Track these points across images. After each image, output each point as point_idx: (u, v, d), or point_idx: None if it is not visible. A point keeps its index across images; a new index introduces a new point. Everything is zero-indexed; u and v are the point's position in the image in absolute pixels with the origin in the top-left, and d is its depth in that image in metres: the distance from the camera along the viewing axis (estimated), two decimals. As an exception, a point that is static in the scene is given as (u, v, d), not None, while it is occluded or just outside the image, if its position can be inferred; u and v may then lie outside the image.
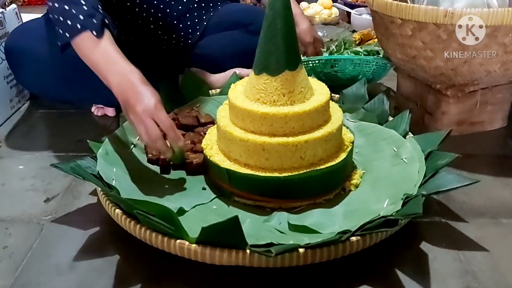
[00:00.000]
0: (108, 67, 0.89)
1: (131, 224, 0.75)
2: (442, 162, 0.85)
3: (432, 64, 1.03)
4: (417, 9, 0.97)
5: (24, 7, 2.46)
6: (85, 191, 0.95)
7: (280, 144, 0.81)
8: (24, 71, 1.12)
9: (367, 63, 1.28)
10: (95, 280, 0.73)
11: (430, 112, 1.14)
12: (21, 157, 1.10)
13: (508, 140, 1.13)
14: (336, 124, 0.86)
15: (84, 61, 0.92)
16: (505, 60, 0.99)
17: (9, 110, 1.29)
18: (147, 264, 0.76)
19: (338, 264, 0.72)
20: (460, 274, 0.74)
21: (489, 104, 1.12)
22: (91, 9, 0.93)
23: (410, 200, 0.78)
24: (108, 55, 0.90)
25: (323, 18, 2.11)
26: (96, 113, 1.28)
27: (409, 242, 0.80)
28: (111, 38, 0.93)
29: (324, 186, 0.84)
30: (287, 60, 0.82)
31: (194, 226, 0.73)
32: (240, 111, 0.84)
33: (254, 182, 0.82)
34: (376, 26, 1.16)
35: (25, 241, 0.82)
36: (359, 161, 0.95)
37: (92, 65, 0.91)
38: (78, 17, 0.91)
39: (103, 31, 0.91)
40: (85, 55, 0.91)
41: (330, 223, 0.78)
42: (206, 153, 0.89)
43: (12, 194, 0.96)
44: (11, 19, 1.34)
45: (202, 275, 0.73)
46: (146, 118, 0.83)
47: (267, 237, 0.72)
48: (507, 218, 0.86)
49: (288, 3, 0.81)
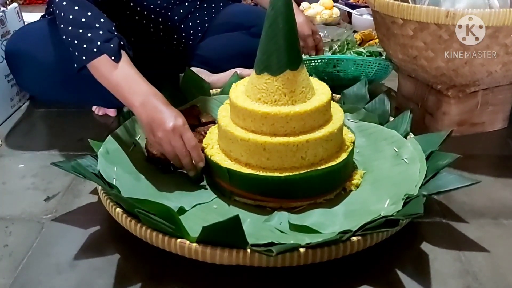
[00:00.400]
0: (130, 89, 0.90)
1: (131, 223, 0.75)
2: (443, 162, 0.85)
3: (433, 65, 1.03)
4: (418, 10, 0.97)
5: (25, 6, 2.46)
6: (85, 190, 0.95)
7: (281, 144, 0.81)
8: (24, 75, 1.12)
9: (370, 64, 1.28)
10: (95, 279, 0.73)
11: (431, 112, 1.14)
12: (21, 155, 1.10)
13: (509, 140, 1.13)
14: (337, 124, 0.86)
15: (102, 83, 0.92)
16: (506, 61, 0.99)
17: (9, 109, 1.29)
18: (147, 263, 0.76)
19: (339, 264, 0.72)
20: (460, 275, 0.73)
21: (490, 105, 1.12)
22: (107, 33, 0.92)
23: (411, 200, 0.78)
24: (128, 77, 0.91)
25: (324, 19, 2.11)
26: (97, 112, 1.28)
27: (410, 242, 0.80)
28: (129, 60, 0.93)
29: (325, 186, 0.84)
30: (288, 60, 0.82)
31: (194, 226, 0.73)
32: (241, 110, 0.83)
33: (255, 182, 0.82)
34: (377, 26, 1.16)
35: (25, 239, 0.82)
36: (360, 161, 0.95)
37: (112, 87, 0.91)
38: (95, 42, 0.91)
39: (120, 54, 0.92)
40: (104, 77, 0.92)
41: (331, 223, 0.78)
42: (207, 153, 0.89)
43: (12, 193, 0.96)
44: (12, 18, 1.34)
45: (203, 274, 0.73)
46: (176, 136, 0.85)
47: (267, 237, 0.72)
48: (507, 218, 0.86)
49: (289, 2, 0.81)
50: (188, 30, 1.31)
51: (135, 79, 0.91)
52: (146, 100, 0.88)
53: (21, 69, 1.12)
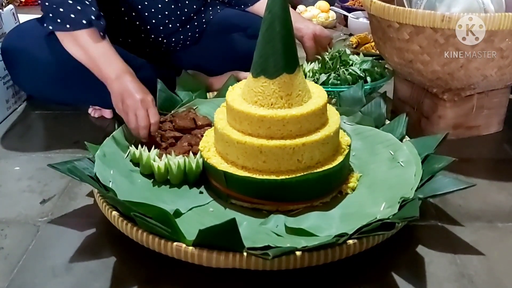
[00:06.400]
0: (107, 63, 0.99)
1: (127, 226, 0.74)
2: (438, 165, 0.86)
3: (429, 68, 1.03)
4: (414, 13, 0.97)
5: (21, 7, 2.45)
6: (81, 193, 0.95)
7: (277, 147, 0.81)
8: (20, 72, 1.12)
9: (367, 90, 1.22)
10: (91, 282, 0.73)
11: (426, 116, 1.15)
12: (17, 158, 1.09)
13: (504, 144, 1.14)
14: (334, 127, 0.86)
15: (75, 53, 1.02)
16: (501, 65, 1.00)
17: (5, 111, 1.28)
18: (143, 266, 0.76)
19: (335, 267, 0.72)
20: (456, 278, 0.74)
21: (485, 109, 1.13)
22: (98, 12, 1.01)
23: (407, 203, 0.78)
24: (108, 52, 1.00)
25: (320, 22, 2.11)
26: (93, 115, 1.28)
27: (406, 246, 0.80)
28: None
29: (321, 189, 0.85)
30: (285, 63, 0.82)
31: (191, 229, 0.73)
32: (238, 113, 0.84)
33: (251, 185, 0.82)
34: (373, 30, 1.17)
35: (21, 242, 0.82)
36: (356, 164, 0.95)
37: (88, 59, 1.00)
38: (87, 15, 0.99)
39: (105, 34, 1.02)
40: (83, 48, 1.00)
41: (327, 226, 0.78)
42: (203, 155, 0.89)
43: (8, 195, 0.96)
44: (8, 20, 1.34)
45: (199, 278, 0.73)
46: (143, 107, 0.95)
47: (264, 240, 0.72)
48: (502, 222, 0.86)
49: (286, 6, 0.81)
50: (186, 33, 1.31)
51: (115, 56, 1.01)
52: (121, 75, 0.98)
53: (17, 66, 1.11)
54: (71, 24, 0.99)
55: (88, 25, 0.99)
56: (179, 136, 1.01)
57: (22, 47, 1.09)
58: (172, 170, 0.88)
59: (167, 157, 0.90)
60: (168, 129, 1.02)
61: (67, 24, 0.99)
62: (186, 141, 0.99)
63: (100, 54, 1.00)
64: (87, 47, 1.00)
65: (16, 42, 1.10)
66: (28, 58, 1.09)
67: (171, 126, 1.03)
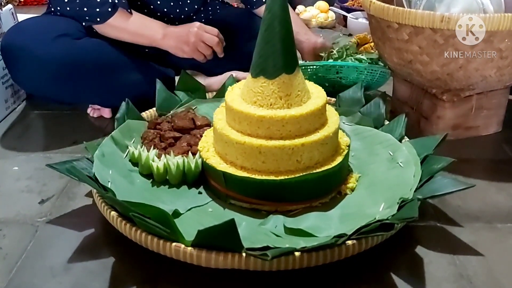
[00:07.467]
0: (149, 30, 1.17)
1: (126, 227, 0.74)
2: (437, 166, 0.86)
3: (428, 69, 1.03)
4: (413, 14, 0.97)
5: (20, 7, 2.45)
6: (80, 193, 0.94)
7: (276, 147, 0.81)
8: (20, 70, 1.12)
9: (372, 71, 1.26)
10: (89, 282, 0.73)
11: (425, 116, 1.15)
12: (16, 158, 1.09)
13: (503, 145, 1.14)
14: (333, 127, 0.86)
15: (120, 36, 1.16)
16: (500, 65, 1.00)
17: (4, 111, 1.28)
18: (142, 267, 0.76)
19: (334, 267, 0.72)
20: (455, 278, 0.74)
21: (485, 109, 1.13)
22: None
23: (406, 204, 0.78)
24: (143, 22, 1.18)
25: (320, 22, 2.11)
26: (92, 115, 1.27)
27: (405, 246, 0.80)
28: None
29: (320, 190, 0.85)
30: (284, 63, 0.82)
31: (189, 229, 0.73)
32: (237, 113, 0.83)
33: (250, 185, 0.82)
34: (372, 30, 1.17)
35: (19, 242, 0.82)
36: (355, 164, 0.95)
37: (131, 34, 1.16)
38: (107, 2, 1.11)
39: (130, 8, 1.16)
40: (123, 30, 1.15)
41: (326, 227, 0.78)
42: (202, 156, 0.89)
43: (6, 195, 0.96)
44: (7, 19, 1.34)
45: (198, 278, 0.73)
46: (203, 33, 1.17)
47: (263, 241, 0.72)
48: (502, 222, 0.86)
49: (286, 6, 0.81)
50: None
51: (148, 21, 1.18)
52: (164, 31, 1.17)
53: (16, 64, 1.11)
54: (100, 18, 1.12)
55: (113, 9, 1.11)
56: (178, 136, 1.01)
57: (21, 44, 1.09)
58: (171, 170, 0.88)
59: (166, 157, 0.90)
60: (167, 129, 1.02)
61: (97, 18, 1.12)
62: (185, 141, 0.99)
63: (137, 27, 1.15)
64: (124, 27, 1.14)
65: (15, 39, 1.10)
66: (28, 55, 1.08)
67: (170, 126, 1.03)
